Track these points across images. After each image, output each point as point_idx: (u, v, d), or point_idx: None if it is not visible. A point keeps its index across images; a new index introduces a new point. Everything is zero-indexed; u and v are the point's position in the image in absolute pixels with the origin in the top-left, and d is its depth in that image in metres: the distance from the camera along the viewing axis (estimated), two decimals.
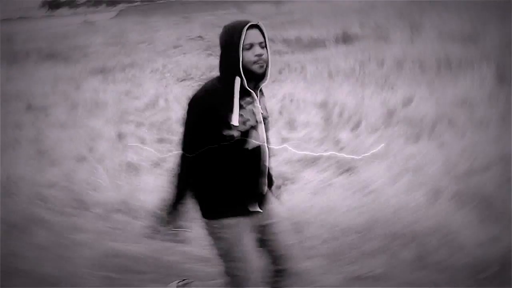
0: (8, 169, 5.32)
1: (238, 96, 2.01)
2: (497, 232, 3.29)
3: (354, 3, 30.94)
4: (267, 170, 2.16)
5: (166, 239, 2.40)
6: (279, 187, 2.27)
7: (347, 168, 4.44)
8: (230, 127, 1.99)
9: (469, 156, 4.66)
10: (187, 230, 2.23)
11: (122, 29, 24.44)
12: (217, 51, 2.17)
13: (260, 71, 2.03)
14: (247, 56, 2.01)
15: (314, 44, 13.98)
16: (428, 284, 2.89)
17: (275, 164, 1.98)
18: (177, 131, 6.09)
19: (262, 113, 2.11)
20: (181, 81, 10.37)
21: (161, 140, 5.93)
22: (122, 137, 6.00)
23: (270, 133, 2.21)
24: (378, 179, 4.15)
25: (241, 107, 2.03)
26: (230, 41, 2.02)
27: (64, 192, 4.78)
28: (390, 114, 6.03)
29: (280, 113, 6.74)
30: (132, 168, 4.95)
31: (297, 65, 10.51)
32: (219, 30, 2.12)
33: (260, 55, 2.01)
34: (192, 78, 10.46)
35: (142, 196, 4.39)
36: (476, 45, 9.64)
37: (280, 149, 4.87)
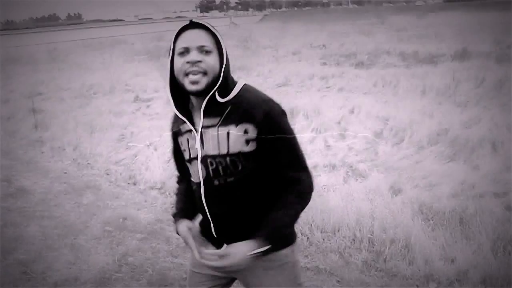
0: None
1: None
2: None
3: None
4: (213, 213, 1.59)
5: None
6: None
7: None
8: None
9: None
10: None
11: (258, 33, 25.83)
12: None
13: (193, 87, 1.38)
14: (178, 64, 1.41)
15: (428, 59, 13.64)
16: None
17: None
18: None
19: (204, 150, 1.48)
20: (279, 86, 10.92)
21: None
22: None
23: None
24: None
25: (179, 132, 1.58)
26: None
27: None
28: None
29: (339, 123, 7.04)
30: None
31: (393, 79, 10.48)
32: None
33: (193, 61, 1.38)
34: (290, 85, 10.91)
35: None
36: None
37: None
